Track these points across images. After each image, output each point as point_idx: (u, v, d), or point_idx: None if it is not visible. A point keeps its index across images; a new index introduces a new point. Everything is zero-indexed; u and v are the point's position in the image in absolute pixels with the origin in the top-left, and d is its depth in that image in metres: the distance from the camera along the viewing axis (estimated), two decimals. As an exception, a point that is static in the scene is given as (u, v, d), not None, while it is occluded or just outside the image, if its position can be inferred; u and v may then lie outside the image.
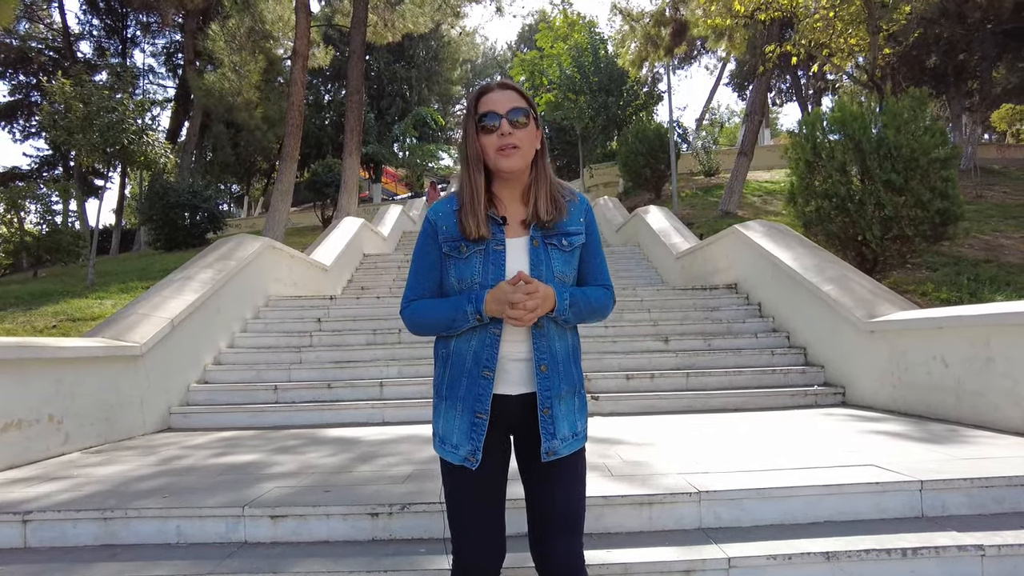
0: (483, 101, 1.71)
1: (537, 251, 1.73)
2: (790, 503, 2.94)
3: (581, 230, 1.79)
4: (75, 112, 9.65)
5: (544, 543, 1.75)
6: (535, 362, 1.71)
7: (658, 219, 13.03)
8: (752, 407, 5.85)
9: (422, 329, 1.78)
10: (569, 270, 1.77)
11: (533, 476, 1.79)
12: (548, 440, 1.71)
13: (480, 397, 1.70)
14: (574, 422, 1.77)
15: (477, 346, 1.71)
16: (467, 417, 1.70)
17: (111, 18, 26.88)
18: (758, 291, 7.95)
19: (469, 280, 1.71)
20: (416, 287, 1.79)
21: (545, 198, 1.73)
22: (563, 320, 1.72)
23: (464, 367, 1.72)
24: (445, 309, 1.71)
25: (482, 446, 1.70)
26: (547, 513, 1.76)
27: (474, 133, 1.71)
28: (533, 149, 1.74)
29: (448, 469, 1.77)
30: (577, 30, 27.71)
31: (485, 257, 1.71)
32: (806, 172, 8.78)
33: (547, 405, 1.71)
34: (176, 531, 3.05)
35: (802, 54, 12.18)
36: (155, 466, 4.14)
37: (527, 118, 1.70)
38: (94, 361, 5.12)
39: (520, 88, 1.76)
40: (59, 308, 8.58)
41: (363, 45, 14.45)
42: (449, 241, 1.74)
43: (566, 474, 1.77)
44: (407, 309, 1.79)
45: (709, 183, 21.83)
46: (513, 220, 1.75)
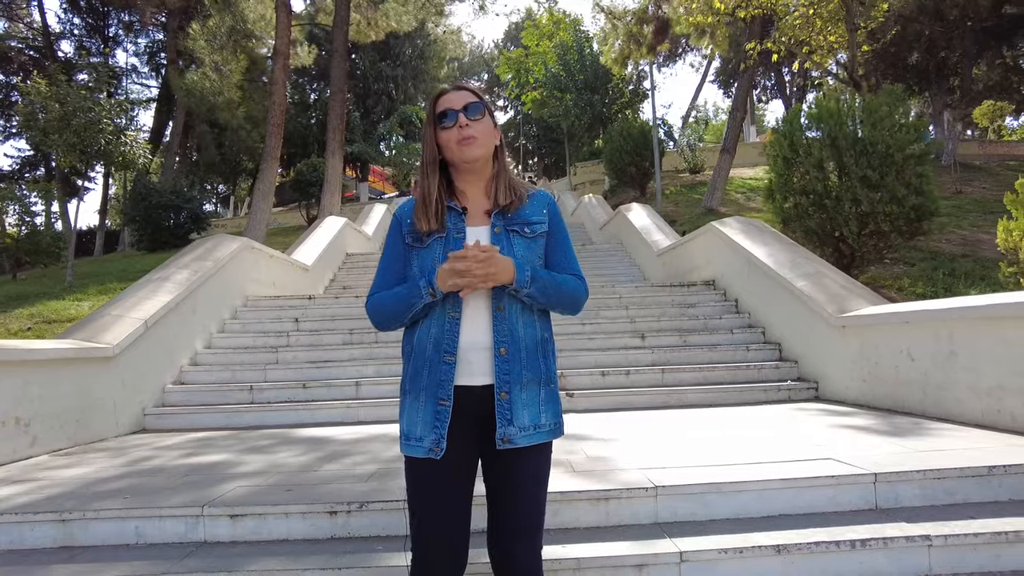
0: (440, 101, 1.78)
1: (499, 237, 1.75)
2: (746, 497, 2.96)
3: (544, 220, 1.81)
4: (51, 112, 9.57)
5: (504, 541, 1.74)
6: (494, 346, 1.69)
7: (640, 217, 13.07)
8: (726, 402, 5.89)
9: (383, 317, 1.78)
10: (533, 256, 1.77)
11: (495, 471, 1.76)
12: (504, 427, 1.67)
13: (442, 383, 1.67)
14: (537, 414, 1.72)
15: (437, 333, 1.70)
16: (430, 406, 1.68)
17: (92, 17, 26.60)
18: (735, 287, 8.00)
19: (430, 266, 1.72)
20: (381, 281, 1.82)
21: (504, 186, 1.79)
22: (527, 295, 1.69)
23: (426, 357, 1.71)
24: (401, 291, 1.74)
25: (446, 435, 1.66)
26: (509, 511, 1.74)
27: (432, 134, 1.77)
28: (492, 143, 1.80)
29: (412, 466, 1.73)
30: (562, 28, 27.73)
31: (445, 244, 1.74)
32: (784, 169, 8.83)
33: (505, 390, 1.67)
34: (135, 532, 3.04)
35: (783, 51, 12.25)
36: (122, 467, 4.12)
37: (483, 114, 1.76)
38: (64, 363, 5.08)
39: (473, 88, 1.83)
40: (35, 310, 8.51)
41: (345, 44, 14.40)
42: (412, 233, 1.78)
43: (530, 470, 1.74)
44: (369, 302, 1.81)
45: (694, 180, 21.92)
46: (476, 211, 1.79)
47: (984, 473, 2.98)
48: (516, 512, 1.73)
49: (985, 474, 2.98)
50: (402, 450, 1.74)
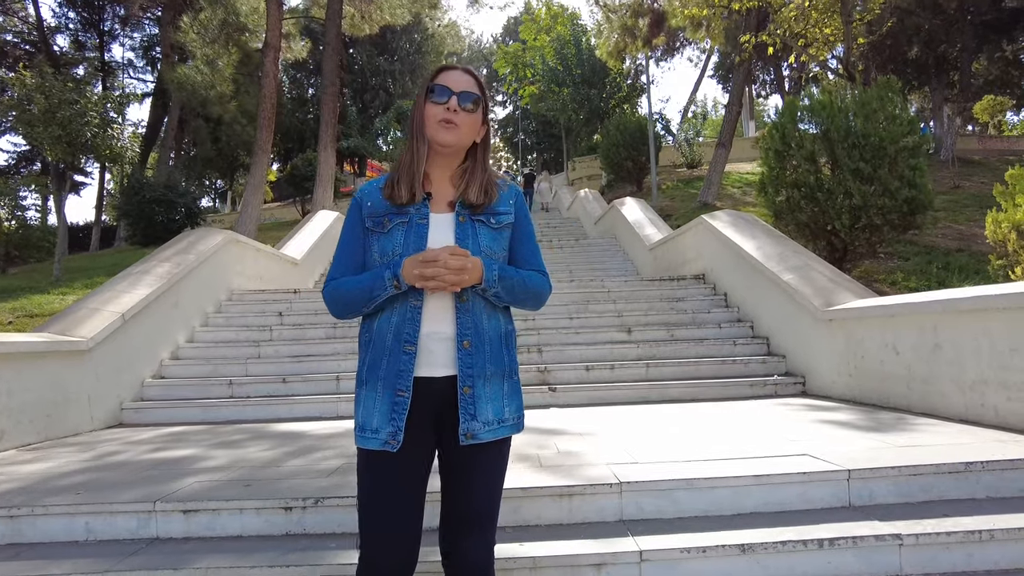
0: (442, 75, 1.70)
1: (464, 226, 1.69)
2: (717, 494, 2.87)
3: (510, 211, 1.76)
4: (37, 105, 9.48)
5: (457, 536, 1.67)
6: (458, 339, 1.63)
7: (633, 211, 12.96)
8: (711, 397, 5.79)
9: (341, 306, 1.69)
10: (498, 248, 1.72)
11: (452, 464, 1.69)
12: (467, 421, 1.61)
13: (401, 374, 1.60)
14: (501, 408, 1.67)
15: (398, 321, 1.62)
16: (388, 397, 1.60)
17: (87, 11, 26.47)
18: (724, 281, 7.90)
19: (391, 253, 1.65)
20: (339, 267, 1.72)
21: (478, 186, 1.71)
22: (493, 295, 1.64)
23: (385, 346, 1.63)
24: (363, 280, 1.65)
25: (403, 427, 1.59)
26: (463, 505, 1.67)
27: (422, 102, 1.69)
28: (472, 137, 1.72)
29: (365, 458, 1.65)
30: (560, 22, 27.54)
31: (408, 229, 1.66)
32: (776, 162, 8.72)
33: (468, 384, 1.62)
34: (85, 528, 2.95)
35: (778, 44, 12.11)
36: (86, 462, 4.03)
37: (476, 106, 1.69)
38: (34, 357, 4.99)
39: (480, 78, 1.75)
40: (19, 304, 8.43)
41: (338, 37, 14.28)
42: (373, 216, 1.69)
43: (487, 464, 1.68)
44: (325, 289, 1.71)
45: (691, 175, 21.78)
46: (441, 198, 1.72)
47: (961, 469, 2.88)
48: (471, 506, 1.67)
49: (962, 470, 2.88)
50: (356, 443, 1.66)
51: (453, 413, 1.64)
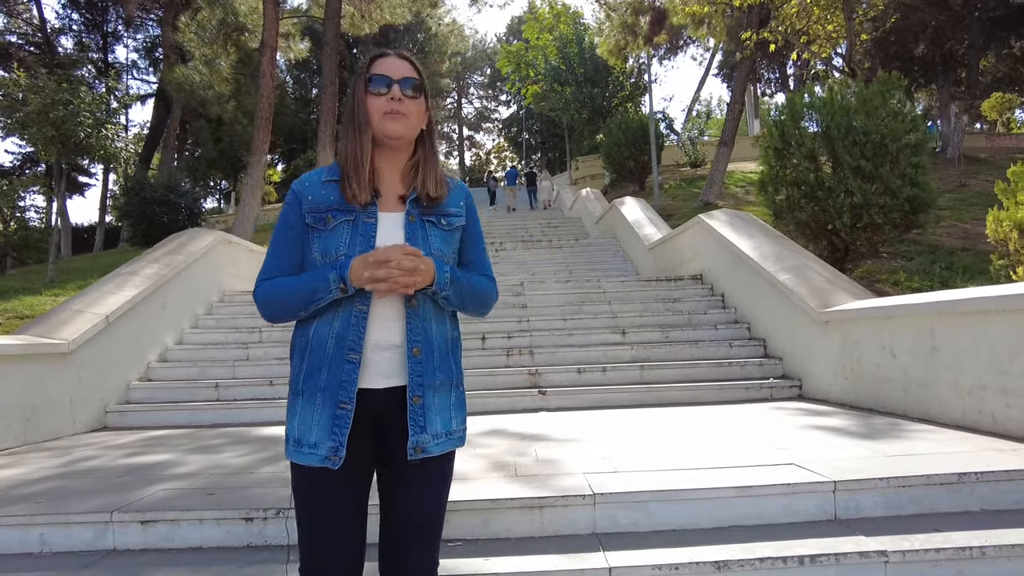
0: (377, 63, 1.58)
1: (413, 226, 1.57)
2: (697, 506, 2.74)
3: (461, 212, 1.66)
4: (31, 105, 9.44)
5: (398, 553, 1.55)
6: (407, 346, 1.51)
7: (633, 210, 12.82)
8: (706, 400, 5.66)
9: (277, 308, 1.55)
10: (448, 250, 1.61)
11: (393, 478, 1.57)
12: (417, 434, 1.50)
13: (344, 384, 1.47)
14: (448, 419, 1.57)
15: (341, 328, 1.49)
16: (328, 409, 1.48)
17: (90, 12, 26.52)
18: (721, 281, 7.75)
19: (334, 253, 1.52)
20: (272, 265, 1.58)
21: (434, 177, 1.61)
22: (443, 298, 1.54)
23: (325, 354, 1.50)
24: (304, 281, 1.51)
25: (345, 442, 1.47)
26: (405, 520, 1.55)
27: (363, 94, 1.57)
28: (420, 124, 1.62)
29: (302, 475, 1.52)
30: (563, 21, 27.38)
31: (353, 228, 1.53)
32: (776, 161, 8.56)
33: (418, 393, 1.50)
34: (39, 539, 2.85)
35: (780, 41, 11.92)
36: (56, 468, 3.94)
37: (418, 92, 1.59)
38: (12, 360, 4.91)
39: (416, 62, 1.63)
40: (10, 305, 8.37)
41: (337, 36, 14.20)
42: (315, 212, 1.55)
43: (432, 477, 1.56)
44: (258, 288, 1.57)
45: (694, 174, 21.59)
46: (390, 195, 1.60)
47: (953, 481, 2.74)
48: (415, 522, 1.55)
49: (955, 482, 2.74)
50: (289, 457, 1.53)
51: (396, 425, 1.52)
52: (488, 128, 62.39)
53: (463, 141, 61.68)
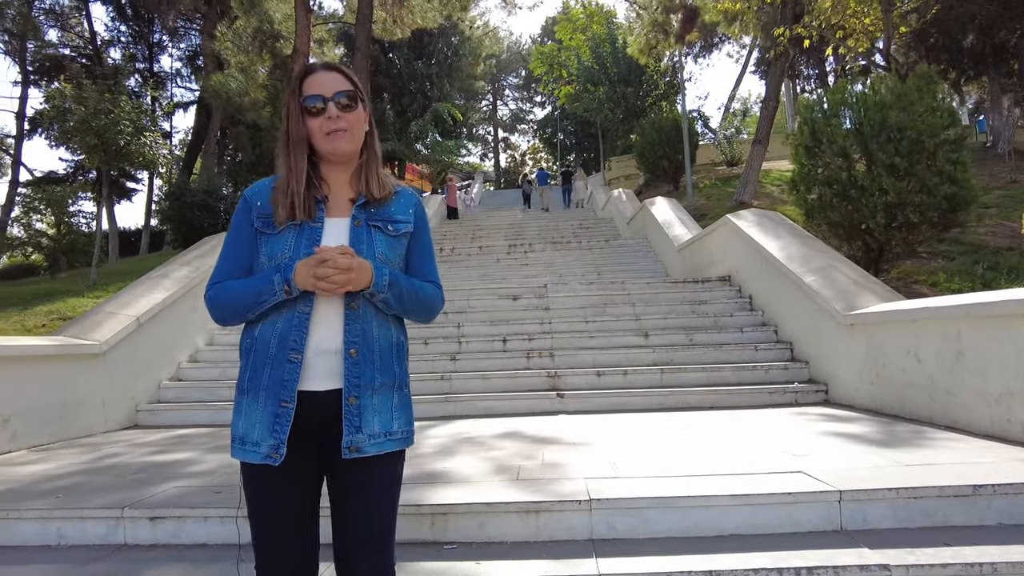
0: (307, 83, 1.58)
1: (359, 231, 1.59)
2: (696, 514, 2.69)
3: (409, 219, 1.67)
4: (76, 115, 9.83)
5: (347, 559, 1.57)
6: (345, 347, 1.54)
7: (663, 211, 12.67)
8: (729, 405, 5.55)
9: (225, 311, 1.58)
10: (393, 255, 1.63)
11: (340, 481, 1.59)
12: (351, 434, 1.52)
13: (285, 383, 1.50)
14: (389, 421, 1.57)
15: (284, 328, 1.52)
16: (270, 408, 1.51)
17: (137, 24, 27.47)
18: (749, 283, 7.60)
19: (279, 256, 1.55)
20: (222, 270, 1.61)
21: (376, 178, 1.63)
22: (382, 300, 1.55)
23: (268, 354, 1.53)
24: (251, 283, 1.54)
25: (286, 440, 1.50)
26: (354, 524, 1.56)
27: (298, 114, 1.58)
28: (363, 132, 1.63)
29: (248, 473, 1.56)
30: (596, 21, 27.19)
31: (299, 233, 1.56)
32: (807, 159, 8.34)
33: (354, 394, 1.53)
34: (57, 533, 2.96)
35: (815, 36, 11.61)
36: (82, 464, 4.09)
37: (354, 100, 1.58)
38: (46, 360, 5.11)
39: (346, 70, 1.63)
40: (55, 307, 8.72)
41: (368, 41, 14.38)
42: (263, 216, 1.59)
43: (379, 481, 1.58)
44: (209, 292, 1.60)
45: (730, 173, 21.18)
46: (337, 200, 1.62)
47: (968, 493, 2.63)
48: (362, 525, 1.56)
49: (970, 494, 2.63)
50: (234, 455, 1.56)
51: (336, 427, 1.54)
52: (523, 129, 62.43)
53: (498, 143, 61.86)
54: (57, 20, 26.05)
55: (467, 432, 4.73)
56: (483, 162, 57.91)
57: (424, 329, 7.51)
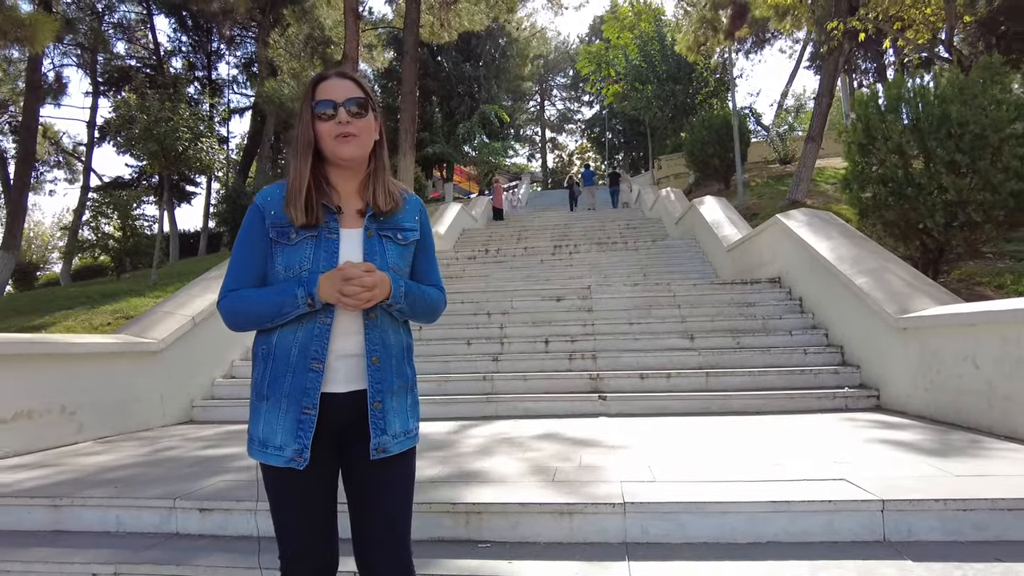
0: (319, 89, 1.65)
1: (372, 241, 1.66)
2: (732, 519, 2.65)
3: (416, 227, 1.74)
4: (139, 123, 10.33)
5: (368, 553, 1.64)
6: (367, 355, 1.61)
7: (712, 210, 12.44)
8: (776, 410, 5.42)
9: (241, 319, 1.63)
10: (403, 263, 1.70)
11: (359, 479, 1.67)
12: (378, 436, 1.60)
13: (308, 391, 1.58)
14: (406, 420, 1.67)
15: (304, 338, 1.59)
16: (293, 414, 1.58)
17: (197, 34, 28.66)
18: (799, 285, 7.40)
19: (298, 267, 1.60)
20: (236, 277, 1.66)
21: (384, 190, 1.68)
22: (397, 310, 1.63)
23: (289, 362, 1.59)
24: (270, 295, 1.59)
25: (310, 444, 1.58)
26: (371, 520, 1.64)
27: (309, 119, 1.65)
28: (372, 140, 1.68)
29: (271, 476, 1.64)
30: (644, 19, 26.91)
31: (317, 244, 1.62)
32: (860, 156, 8.07)
33: (378, 399, 1.61)
34: (116, 520, 3.13)
35: (870, 29, 11.19)
36: (140, 456, 4.29)
37: (365, 108, 1.64)
38: (109, 357, 5.38)
39: (359, 79, 1.70)
40: (119, 307, 9.17)
41: (416, 46, 14.60)
42: (278, 226, 1.63)
43: (396, 477, 1.66)
44: (224, 300, 1.65)
45: (783, 171, 20.63)
46: (349, 210, 1.68)
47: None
48: (383, 521, 1.64)
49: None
50: (254, 456, 1.64)
51: (357, 428, 1.62)
52: (571, 129, 62.24)
53: (545, 143, 61.82)
54: (124, 33, 27.39)
55: (507, 433, 4.76)
56: (530, 163, 57.98)
57: (467, 330, 7.60)
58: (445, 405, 5.79)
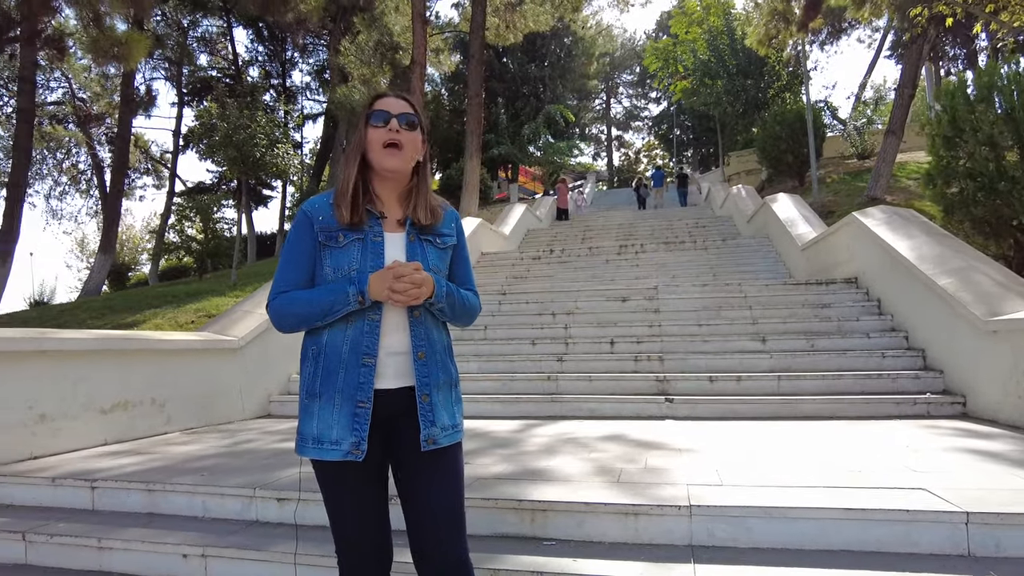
0: (378, 102, 1.79)
1: (413, 245, 1.77)
2: (801, 526, 2.58)
3: (452, 233, 1.86)
4: (219, 131, 10.90)
5: (424, 545, 1.70)
6: (413, 351, 1.71)
7: (786, 208, 12.04)
8: (848, 415, 5.23)
9: (292, 320, 1.72)
10: (443, 266, 1.82)
11: (410, 472, 1.74)
12: (427, 428, 1.69)
13: (361, 385, 1.66)
14: (452, 414, 1.77)
15: (355, 335, 1.68)
16: (348, 408, 1.66)
17: (272, 44, 29.97)
18: (878, 286, 7.08)
19: (346, 268, 1.70)
20: (285, 279, 1.75)
21: (424, 206, 1.80)
22: (439, 309, 1.73)
23: (340, 359, 1.68)
24: (321, 294, 1.68)
25: (366, 437, 1.66)
26: (425, 512, 1.71)
27: (363, 128, 1.78)
28: (416, 156, 1.80)
29: (327, 471, 1.71)
30: (713, 13, 26.28)
31: (364, 246, 1.72)
32: (945, 150, 7.65)
33: (426, 392, 1.71)
34: (202, 506, 3.34)
35: (959, 13, 10.55)
36: (223, 447, 4.54)
37: (414, 127, 1.77)
38: (194, 353, 5.71)
39: (413, 101, 1.84)
40: (201, 305, 9.70)
41: (481, 49, 14.78)
42: (326, 230, 1.73)
43: (446, 469, 1.73)
44: (275, 301, 1.74)
45: (861, 166, 19.73)
46: (391, 218, 1.79)
47: None
48: (437, 513, 1.70)
49: None
50: (307, 454, 1.70)
51: (406, 422, 1.71)
52: (637, 127, 61.45)
53: (611, 142, 61.25)
54: (207, 46, 28.92)
55: (571, 433, 4.77)
56: (595, 162, 57.55)
57: (532, 330, 7.64)
58: (510, 404, 5.86)
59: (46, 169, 26.69)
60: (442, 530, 1.68)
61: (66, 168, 27.47)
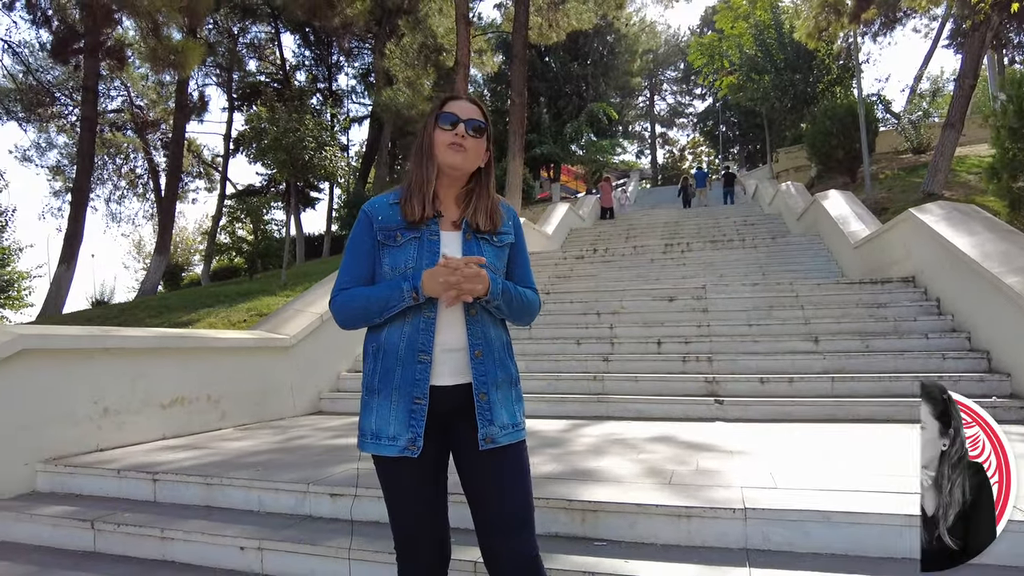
0: (449, 104, 1.81)
1: (469, 243, 1.77)
2: (861, 532, 2.51)
3: (510, 231, 1.86)
4: (269, 134, 11.20)
5: (492, 542, 1.71)
6: (470, 349, 1.71)
7: (837, 205, 11.70)
8: (906, 418, 5.02)
9: (352, 315, 1.75)
10: (500, 264, 1.81)
11: (472, 471, 1.75)
12: (485, 427, 1.69)
13: (417, 382, 1.68)
14: (513, 412, 1.76)
15: (411, 332, 1.70)
16: (404, 404, 1.68)
17: (319, 48, 30.64)
18: (936, 284, 6.81)
19: (403, 266, 1.73)
20: (347, 277, 1.79)
21: (485, 212, 1.80)
22: (495, 306, 1.73)
23: (398, 356, 1.70)
24: (379, 290, 1.72)
25: (422, 434, 1.68)
26: (490, 510, 1.72)
27: (431, 129, 1.79)
28: (478, 160, 1.81)
29: (386, 467, 1.74)
30: (759, 7, 25.70)
31: (420, 244, 1.75)
32: (1012, 142, 7.33)
33: (483, 390, 1.70)
34: (258, 500, 3.43)
35: (1027, -1, 10.04)
36: (276, 443, 4.66)
37: (480, 133, 1.78)
38: (247, 351, 5.87)
39: (484, 108, 1.85)
40: (252, 305, 9.96)
41: (524, 49, 14.80)
42: (385, 230, 1.77)
43: (510, 467, 1.73)
44: (337, 298, 1.78)
45: (916, 161, 19.02)
46: (447, 217, 1.81)
47: None
48: (505, 508, 1.71)
49: None
50: (366, 450, 1.74)
51: (464, 420, 1.71)
52: (682, 124, 60.57)
53: (655, 139, 60.53)
54: (255, 52, 29.75)
55: (619, 433, 4.74)
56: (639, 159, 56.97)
57: (576, 329, 7.61)
58: (556, 404, 5.84)
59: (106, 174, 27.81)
60: (507, 530, 1.69)
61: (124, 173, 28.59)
